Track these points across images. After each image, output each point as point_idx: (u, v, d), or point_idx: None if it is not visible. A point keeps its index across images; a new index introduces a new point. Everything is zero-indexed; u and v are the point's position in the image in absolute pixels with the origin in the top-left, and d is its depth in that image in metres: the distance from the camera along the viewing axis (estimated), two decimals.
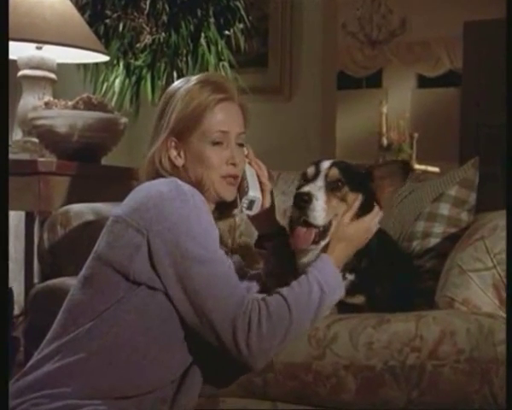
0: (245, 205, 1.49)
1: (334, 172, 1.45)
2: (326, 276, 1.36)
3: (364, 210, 1.46)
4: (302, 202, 1.40)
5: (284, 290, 1.32)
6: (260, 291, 1.56)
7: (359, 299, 1.47)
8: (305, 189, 1.42)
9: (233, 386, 1.41)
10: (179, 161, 1.42)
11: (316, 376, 1.37)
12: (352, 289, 1.47)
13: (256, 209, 1.51)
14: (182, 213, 1.29)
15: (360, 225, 1.44)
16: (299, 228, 1.42)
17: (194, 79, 1.44)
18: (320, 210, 1.40)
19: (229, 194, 1.46)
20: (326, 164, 1.47)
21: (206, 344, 1.32)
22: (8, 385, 1.27)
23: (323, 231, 1.43)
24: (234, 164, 1.44)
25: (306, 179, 1.47)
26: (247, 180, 1.49)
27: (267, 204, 1.52)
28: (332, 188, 1.43)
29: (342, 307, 1.46)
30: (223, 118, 1.42)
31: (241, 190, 1.49)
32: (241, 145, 1.47)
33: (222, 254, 1.33)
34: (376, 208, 1.47)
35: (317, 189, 1.42)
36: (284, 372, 1.39)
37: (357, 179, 1.47)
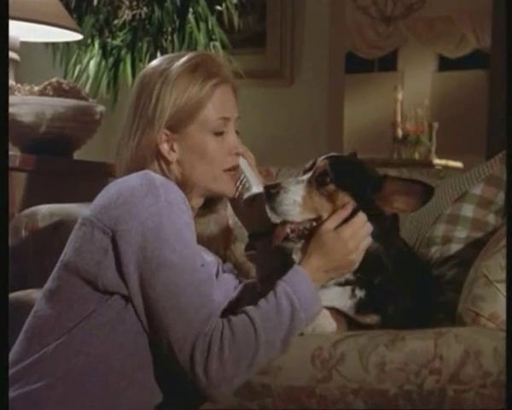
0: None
1: (324, 164, 1.45)
2: (297, 288, 1.34)
3: None
4: (269, 194, 1.42)
5: (250, 309, 1.31)
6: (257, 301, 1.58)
7: (372, 319, 1.48)
8: (277, 181, 1.44)
9: None
10: (173, 156, 1.43)
11: (320, 401, 1.38)
12: (362, 308, 1.47)
13: None
14: (151, 210, 1.29)
15: (337, 236, 1.39)
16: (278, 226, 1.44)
17: (181, 61, 1.43)
18: (291, 204, 1.41)
19: (231, 189, 1.48)
20: (323, 157, 1.47)
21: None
22: (8, 386, 1.28)
23: (302, 230, 1.43)
24: (237, 154, 1.46)
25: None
26: (246, 174, 1.50)
27: None
28: (317, 182, 1.44)
29: (353, 326, 1.46)
30: (222, 104, 1.43)
31: (239, 185, 1.50)
32: (237, 132, 1.48)
33: (194, 261, 1.32)
34: (361, 216, 1.41)
35: (295, 182, 1.43)
36: (284, 397, 1.39)
37: (357, 180, 1.44)
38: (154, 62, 1.47)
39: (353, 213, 1.41)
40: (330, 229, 1.39)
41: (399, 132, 6.86)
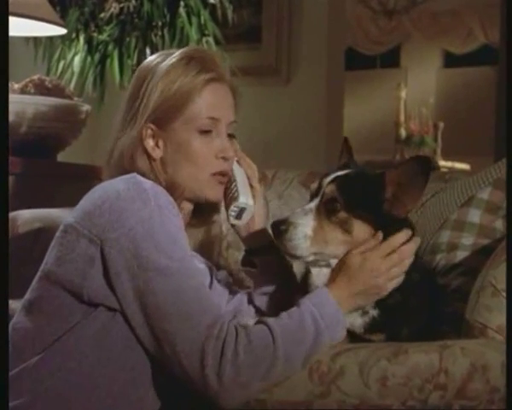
0: (233, 213, 1.51)
1: (331, 190, 1.43)
2: (322, 310, 1.35)
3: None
4: (277, 231, 1.41)
5: (270, 320, 1.32)
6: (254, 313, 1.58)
7: (378, 337, 1.48)
8: (285, 215, 1.43)
9: None
10: (157, 153, 1.43)
11: None
12: (371, 327, 1.48)
13: (246, 219, 1.52)
14: (142, 215, 1.30)
15: (365, 258, 1.39)
16: None
17: (176, 53, 1.44)
18: (300, 239, 1.40)
19: (216, 195, 1.48)
20: (329, 178, 1.45)
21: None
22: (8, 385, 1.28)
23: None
24: (225, 158, 1.46)
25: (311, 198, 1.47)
26: (237, 182, 1.50)
27: (257, 211, 1.54)
28: (326, 210, 1.42)
29: (354, 339, 1.46)
30: (213, 102, 1.44)
31: (228, 193, 1.50)
32: (231, 136, 1.48)
33: (191, 265, 1.34)
34: (393, 239, 1.41)
35: (303, 213, 1.42)
36: None
37: (366, 197, 1.42)
38: (151, 57, 1.49)
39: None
40: (355, 253, 1.39)
41: (403, 133, 6.87)
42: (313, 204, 1.44)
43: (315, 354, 1.34)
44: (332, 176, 1.45)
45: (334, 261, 1.44)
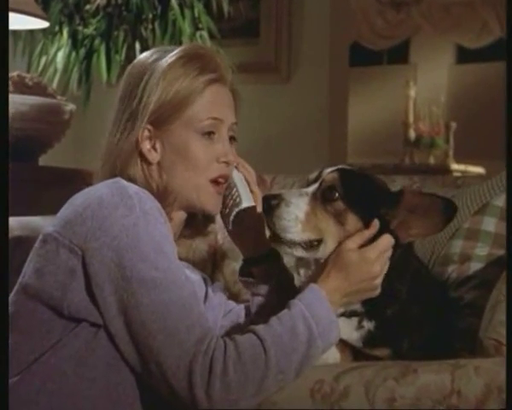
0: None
1: (332, 177, 1.45)
2: (315, 312, 1.35)
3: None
4: (268, 205, 1.42)
5: (259, 328, 1.32)
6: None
7: (382, 352, 1.49)
8: (279, 191, 1.44)
9: None
10: (154, 156, 1.44)
11: None
12: (371, 341, 1.48)
13: None
14: (126, 223, 1.30)
15: (362, 256, 1.40)
16: None
17: (175, 51, 1.45)
18: (292, 220, 1.41)
19: (215, 205, 1.48)
20: (330, 169, 1.47)
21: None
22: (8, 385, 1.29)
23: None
24: (227, 162, 1.46)
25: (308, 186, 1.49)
26: (238, 188, 1.51)
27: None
28: (323, 197, 1.44)
29: (359, 357, 1.47)
30: (215, 103, 1.45)
31: (228, 199, 1.51)
32: (232, 139, 1.49)
33: (179, 275, 1.33)
34: (387, 237, 1.42)
35: (298, 194, 1.44)
36: None
37: (369, 199, 1.45)
38: (146, 53, 1.50)
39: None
40: (353, 248, 1.40)
41: (412, 134, 6.88)
42: (310, 189, 1.45)
43: (309, 361, 1.34)
44: (334, 167, 1.48)
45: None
